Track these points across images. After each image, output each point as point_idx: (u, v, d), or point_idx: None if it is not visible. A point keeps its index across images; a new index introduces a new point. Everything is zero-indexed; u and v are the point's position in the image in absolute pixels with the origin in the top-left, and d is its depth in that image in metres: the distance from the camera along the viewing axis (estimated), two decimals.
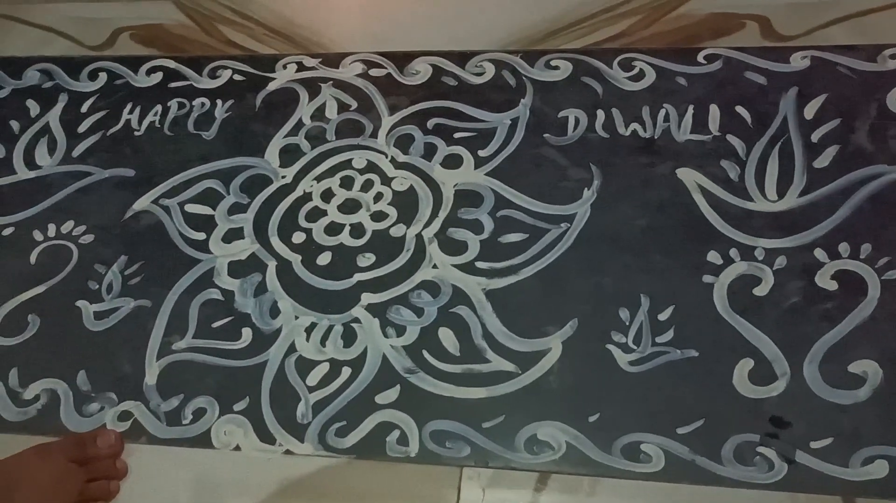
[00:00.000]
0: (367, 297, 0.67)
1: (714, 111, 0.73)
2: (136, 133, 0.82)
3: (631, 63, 0.78)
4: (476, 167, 0.73)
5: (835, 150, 0.69)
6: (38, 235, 0.75)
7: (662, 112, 0.74)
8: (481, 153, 0.74)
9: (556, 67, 0.79)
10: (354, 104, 0.80)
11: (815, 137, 0.70)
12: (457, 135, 0.76)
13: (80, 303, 0.70)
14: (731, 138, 0.71)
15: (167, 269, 0.71)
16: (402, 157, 0.75)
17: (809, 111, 0.71)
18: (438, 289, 0.67)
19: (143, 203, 0.76)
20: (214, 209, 0.74)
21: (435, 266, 0.68)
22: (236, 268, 0.70)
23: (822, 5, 0.79)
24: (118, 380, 0.65)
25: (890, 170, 0.67)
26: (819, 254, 0.63)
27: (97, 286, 0.71)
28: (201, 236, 0.73)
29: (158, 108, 0.83)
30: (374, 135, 0.78)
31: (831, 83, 0.73)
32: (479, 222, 0.70)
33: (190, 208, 0.75)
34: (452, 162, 0.74)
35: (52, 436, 0.61)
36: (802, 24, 0.78)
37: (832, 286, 0.62)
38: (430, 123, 0.77)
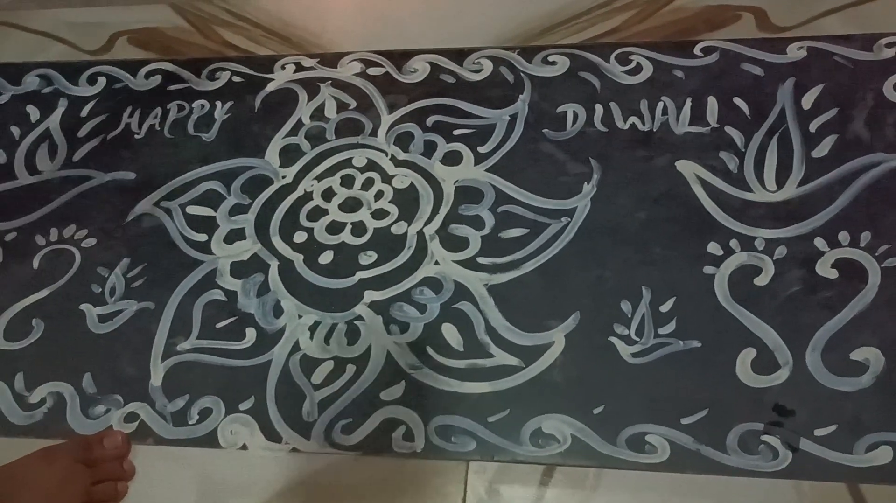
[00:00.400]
0: (370, 295, 0.67)
1: (712, 103, 0.73)
2: (136, 136, 0.82)
3: (628, 57, 0.78)
4: (476, 163, 0.74)
5: (833, 140, 0.69)
6: (40, 240, 0.75)
7: (660, 105, 0.74)
8: (481, 149, 0.74)
9: (554, 63, 0.79)
10: (353, 103, 0.81)
11: (812, 127, 0.70)
12: (456, 131, 0.76)
13: (83, 306, 0.70)
14: (729, 130, 0.71)
15: (170, 271, 0.71)
16: (402, 155, 0.76)
17: (807, 101, 0.72)
18: (441, 285, 0.67)
19: (144, 206, 0.76)
20: (216, 210, 0.75)
21: (437, 262, 0.68)
22: (239, 269, 0.71)
23: None
24: (124, 382, 0.66)
25: (888, 158, 0.67)
26: (819, 243, 0.64)
27: (100, 289, 0.71)
28: (203, 237, 0.73)
29: (158, 110, 0.84)
30: (373, 133, 0.78)
31: (828, 73, 0.73)
32: (479, 218, 0.70)
33: (191, 210, 0.75)
34: (452, 159, 0.74)
35: (59, 438, 0.61)
36: (798, 14, 0.78)
37: (833, 274, 0.62)
38: (430, 121, 0.77)
